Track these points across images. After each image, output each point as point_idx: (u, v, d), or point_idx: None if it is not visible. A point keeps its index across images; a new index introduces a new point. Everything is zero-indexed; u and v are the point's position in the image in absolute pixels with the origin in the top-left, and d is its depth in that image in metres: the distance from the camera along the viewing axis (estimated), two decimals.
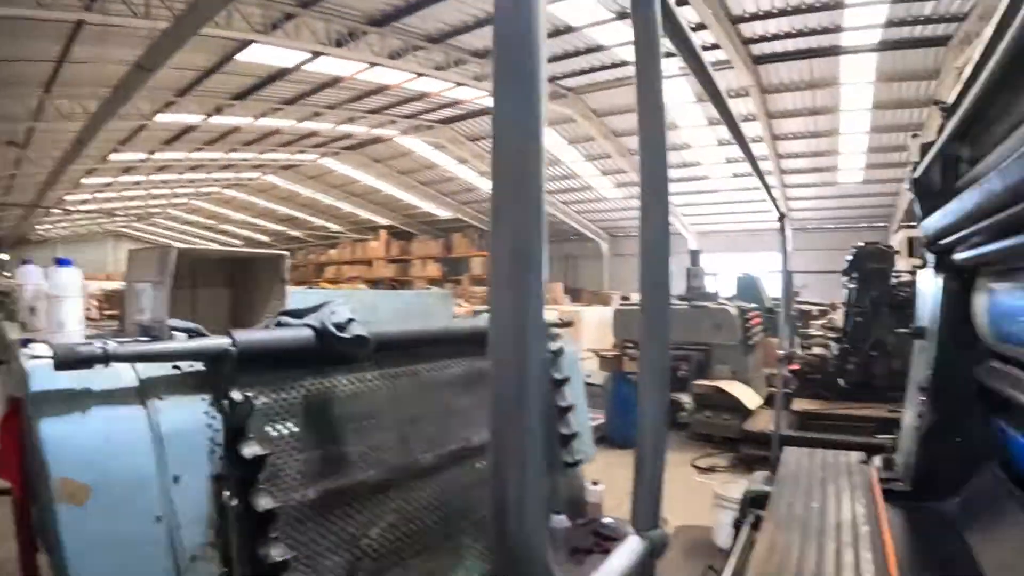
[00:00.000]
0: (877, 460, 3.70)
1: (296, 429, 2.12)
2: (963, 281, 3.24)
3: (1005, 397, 2.75)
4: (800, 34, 13.29)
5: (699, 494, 6.75)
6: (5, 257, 31.66)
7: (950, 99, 3.10)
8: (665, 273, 1.11)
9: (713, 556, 5.16)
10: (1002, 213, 2.25)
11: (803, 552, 2.59)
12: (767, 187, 3.18)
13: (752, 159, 2.61)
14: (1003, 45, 1.96)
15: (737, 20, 12.79)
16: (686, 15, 12.31)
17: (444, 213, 28.96)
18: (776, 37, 13.53)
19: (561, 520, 3.06)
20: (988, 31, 2.15)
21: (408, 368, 2.60)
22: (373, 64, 14.19)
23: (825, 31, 13.06)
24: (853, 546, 2.59)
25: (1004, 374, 2.82)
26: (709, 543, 5.54)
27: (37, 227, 32.55)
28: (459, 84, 15.68)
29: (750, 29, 13.29)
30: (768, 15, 12.59)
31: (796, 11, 12.37)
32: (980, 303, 3.04)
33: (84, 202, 29.11)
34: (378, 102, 18.07)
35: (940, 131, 3.20)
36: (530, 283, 0.64)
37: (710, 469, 8.18)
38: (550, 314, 3.96)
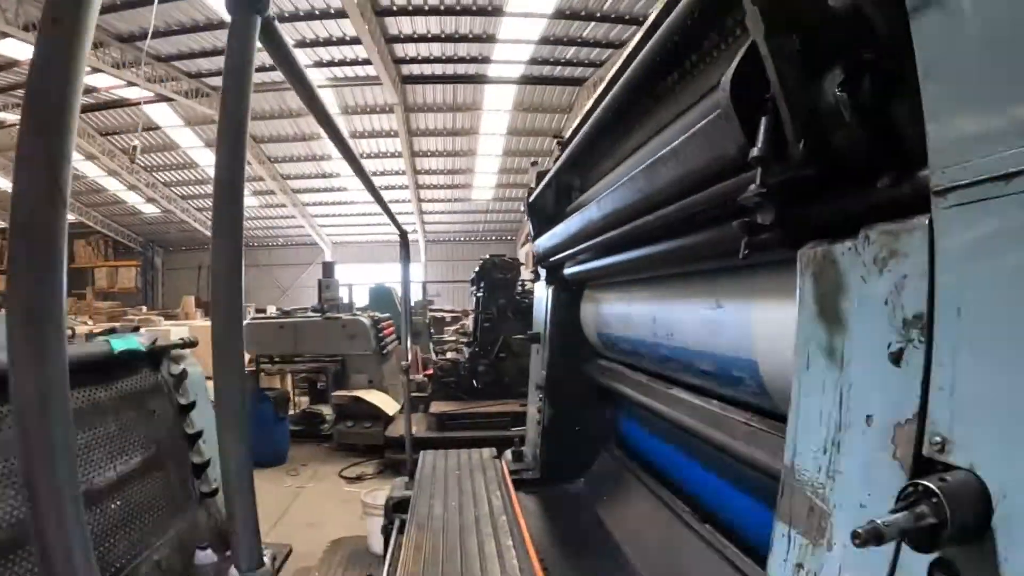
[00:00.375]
0: (508, 454, 4.07)
1: None
2: (572, 292, 3.76)
3: (612, 389, 3.26)
4: (450, 60, 14.24)
5: (351, 504, 6.75)
6: None
7: (567, 134, 3.58)
8: (238, 293, 1.06)
9: (372, 564, 5.20)
10: (599, 237, 2.65)
11: (448, 549, 2.71)
12: (383, 205, 3.29)
13: (365, 177, 2.65)
14: (611, 95, 2.32)
15: (392, 40, 13.18)
16: (344, 28, 12.39)
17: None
18: (427, 60, 14.30)
19: (207, 555, 2.79)
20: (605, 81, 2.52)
21: (4, 408, 2.09)
22: (3, 35, 11.84)
23: (474, 60, 14.21)
24: (494, 536, 2.79)
25: (608, 370, 3.35)
26: (367, 551, 5.58)
27: None
28: (96, 70, 13.56)
29: (403, 49, 13.81)
30: (422, 39, 13.23)
31: (449, 39, 13.22)
32: (587, 311, 3.56)
33: None
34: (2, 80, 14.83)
35: (556, 161, 3.67)
36: (48, 336, 0.63)
37: (358, 478, 8.21)
38: (178, 332, 3.57)
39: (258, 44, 1.18)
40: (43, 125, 0.64)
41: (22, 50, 13.00)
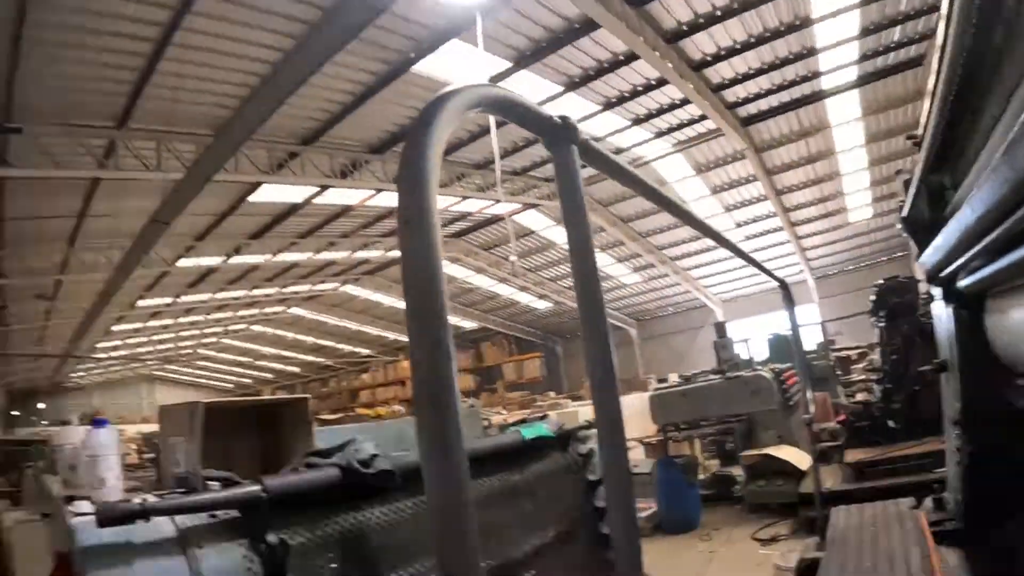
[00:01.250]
0: (928, 502, 3.51)
1: (335, 565, 2.12)
2: (972, 308, 3.15)
3: None
4: (781, 88, 13.56)
5: (766, 567, 6.46)
6: (42, 406, 32.26)
7: (919, 130, 3.13)
8: (612, 374, 1.18)
9: None
10: (991, 234, 2.21)
11: None
12: (748, 258, 3.21)
13: (719, 237, 2.63)
14: (945, 69, 2.00)
15: (718, 88, 13.11)
16: (668, 93, 12.80)
17: (470, 324, 29.13)
18: (759, 96, 13.81)
19: None
20: (935, 58, 2.18)
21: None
22: (379, 190, 14.67)
23: (804, 79, 13.32)
24: None
25: None
26: None
27: (72, 375, 33.09)
28: (464, 197, 16.17)
29: (732, 94, 13.59)
30: (747, 76, 12.89)
31: (772, 67, 12.65)
32: (995, 326, 2.96)
33: (115, 348, 29.88)
34: (389, 225, 18.49)
35: (916, 164, 3.22)
36: (452, 459, 0.84)
37: (772, 539, 7.79)
38: (584, 413, 3.95)
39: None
40: (422, 306, 0.90)
41: (395, 199, 16.24)
